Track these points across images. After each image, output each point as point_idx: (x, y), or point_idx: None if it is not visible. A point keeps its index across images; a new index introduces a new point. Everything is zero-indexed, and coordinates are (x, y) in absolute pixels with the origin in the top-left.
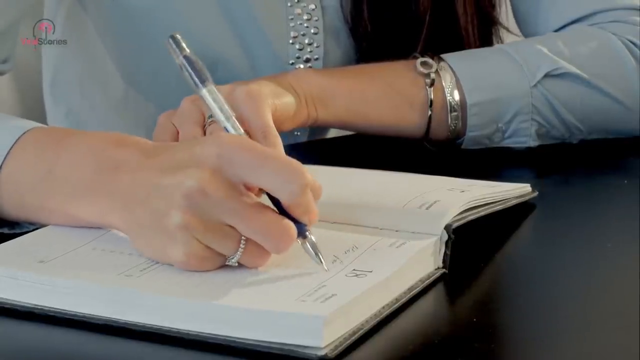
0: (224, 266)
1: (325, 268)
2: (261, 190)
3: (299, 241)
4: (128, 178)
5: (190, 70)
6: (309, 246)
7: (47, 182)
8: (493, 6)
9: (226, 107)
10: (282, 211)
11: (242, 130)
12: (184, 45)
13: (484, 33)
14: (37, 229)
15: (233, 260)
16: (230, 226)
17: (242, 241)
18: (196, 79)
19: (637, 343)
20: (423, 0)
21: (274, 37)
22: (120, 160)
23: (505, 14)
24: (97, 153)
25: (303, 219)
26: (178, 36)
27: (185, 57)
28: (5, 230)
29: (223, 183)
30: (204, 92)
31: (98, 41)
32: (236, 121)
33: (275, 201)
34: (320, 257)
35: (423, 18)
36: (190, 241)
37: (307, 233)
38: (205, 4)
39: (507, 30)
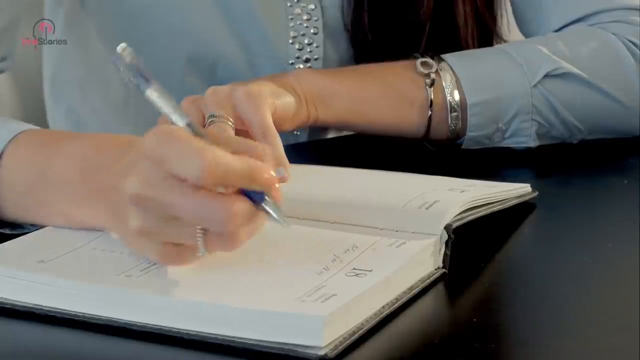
0: (223, 266)
1: (284, 224)
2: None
3: (257, 207)
4: (104, 183)
5: (133, 74)
6: (265, 207)
7: (41, 185)
8: (494, 18)
9: (172, 100)
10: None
11: (188, 119)
12: (124, 55)
13: (484, 45)
14: (38, 229)
15: (201, 251)
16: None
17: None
18: (141, 80)
19: (637, 343)
20: (424, 9)
21: (273, 36)
22: (99, 164)
23: (506, 25)
24: (82, 158)
25: (253, 187)
26: (120, 50)
27: (126, 65)
28: (7, 231)
29: (154, 181)
30: (149, 91)
31: (98, 41)
32: (183, 111)
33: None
34: (279, 215)
35: (424, 26)
36: (154, 242)
37: (265, 197)
38: (205, 3)
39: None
